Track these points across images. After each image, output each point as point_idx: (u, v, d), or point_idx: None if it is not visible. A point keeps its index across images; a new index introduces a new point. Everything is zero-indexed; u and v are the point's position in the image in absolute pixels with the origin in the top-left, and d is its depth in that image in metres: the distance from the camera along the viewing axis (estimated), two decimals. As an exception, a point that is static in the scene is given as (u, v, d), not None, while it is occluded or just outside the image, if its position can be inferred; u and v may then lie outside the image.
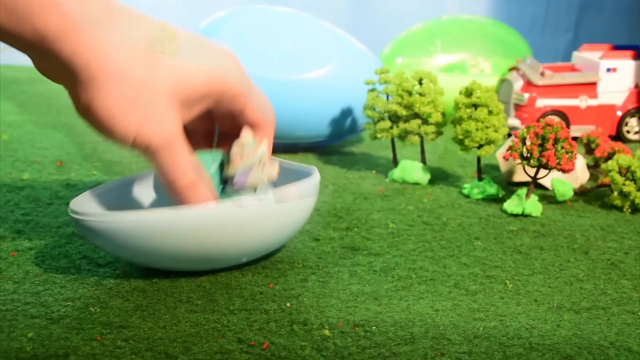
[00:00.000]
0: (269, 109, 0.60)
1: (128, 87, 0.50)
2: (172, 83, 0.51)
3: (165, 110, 0.51)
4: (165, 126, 0.52)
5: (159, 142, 0.52)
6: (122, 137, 0.51)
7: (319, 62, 0.97)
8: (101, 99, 0.49)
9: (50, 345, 0.47)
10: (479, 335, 0.51)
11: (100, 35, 0.48)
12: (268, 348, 0.48)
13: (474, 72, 1.25)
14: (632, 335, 0.52)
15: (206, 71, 0.53)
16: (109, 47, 0.49)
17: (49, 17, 0.46)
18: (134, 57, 0.50)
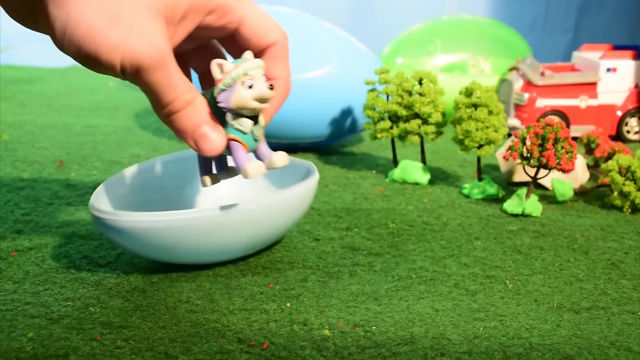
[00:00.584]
0: (275, 26, 0.54)
1: None
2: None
3: (151, 22, 0.46)
4: (155, 40, 0.46)
5: (149, 58, 0.46)
6: (108, 56, 0.45)
7: (319, 62, 0.97)
8: (77, 14, 0.44)
9: (50, 345, 0.47)
10: (479, 335, 0.51)
11: None
12: (268, 348, 0.48)
13: (474, 72, 1.25)
14: (632, 335, 0.52)
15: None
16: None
17: None
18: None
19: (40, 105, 1.26)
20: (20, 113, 1.18)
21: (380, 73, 0.91)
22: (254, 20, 0.52)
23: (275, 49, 0.54)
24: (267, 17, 0.53)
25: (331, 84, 0.96)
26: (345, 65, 0.98)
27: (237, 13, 0.51)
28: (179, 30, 0.49)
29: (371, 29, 1.76)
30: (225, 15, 0.51)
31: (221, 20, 0.51)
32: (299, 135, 0.97)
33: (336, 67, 0.97)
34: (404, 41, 1.33)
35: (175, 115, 0.49)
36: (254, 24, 0.52)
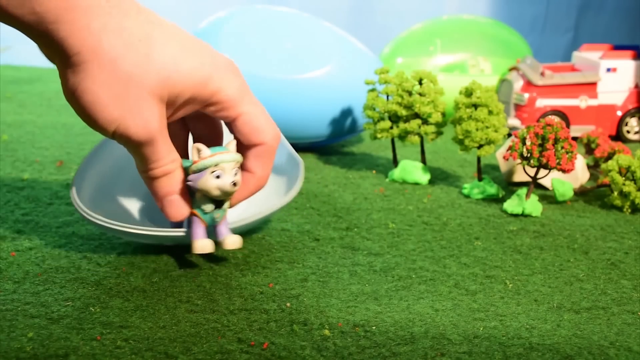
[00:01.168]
0: (267, 129, 0.57)
1: (116, 79, 0.50)
2: (160, 81, 0.51)
3: (149, 107, 0.51)
4: (148, 123, 0.51)
5: (138, 137, 0.52)
6: (103, 126, 0.51)
7: (319, 62, 0.97)
8: (88, 84, 0.50)
9: (50, 345, 0.47)
10: (479, 335, 0.51)
11: (97, 22, 0.49)
12: (268, 348, 0.48)
13: (474, 72, 1.25)
14: (632, 335, 0.52)
15: (197, 75, 0.52)
16: (103, 36, 0.49)
17: (49, 1, 0.47)
18: (128, 49, 0.50)
19: (40, 105, 1.26)
20: (20, 113, 1.18)
21: (380, 73, 0.91)
22: (248, 119, 0.56)
23: (261, 149, 0.57)
24: (263, 118, 0.57)
25: (331, 84, 0.96)
26: (345, 65, 0.98)
27: (234, 110, 0.55)
28: (178, 112, 0.55)
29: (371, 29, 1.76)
30: (223, 110, 0.55)
31: (219, 113, 0.55)
32: (299, 135, 0.97)
33: (336, 67, 0.97)
34: (404, 41, 1.33)
35: (153, 180, 0.56)
36: (247, 123, 0.56)
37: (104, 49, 0.49)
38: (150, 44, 0.50)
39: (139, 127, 0.51)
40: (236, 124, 0.56)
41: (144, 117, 0.51)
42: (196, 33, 1.00)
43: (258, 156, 0.58)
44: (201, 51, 0.53)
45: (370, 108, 0.91)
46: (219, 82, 0.54)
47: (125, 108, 0.50)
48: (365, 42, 1.09)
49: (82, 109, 0.51)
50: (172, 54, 0.51)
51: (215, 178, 0.55)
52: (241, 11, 1.01)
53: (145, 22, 0.51)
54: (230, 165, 0.56)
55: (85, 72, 0.49)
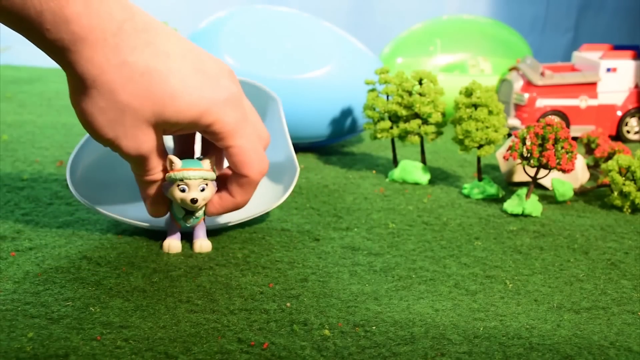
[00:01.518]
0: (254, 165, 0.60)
1: (113, 107, 0.53)
2: (156, 114, 0.54)
3: (144, 133, 0.55)
4: (141, 146, 0.56)
5: (131, 155, 0.57)
6: (98, 140, 0.56)
7: (319, 62, 0.97)
8: (87, 106, 0.54)
9: (50, 345, 0.47)
10: (479, 335, 0.51)
11: (101, 56, 0.52)
12: (268, 348, 0.48)
13: (474, 72, 1.25)
14: (632, 335, 0.52)
15: (193, 110, 0.55)
16: (105, 69, 0.52)
17: (59, 31, 0.50)
18: (128, 82, 0.53)
19: (40, 105, 1.26)
20: (20, 113, 1.18)
21: (380, 73, 0.91)
22: (238, 152, 0.59)
23: (244, 180, 0.61)
24: (253, 153, 0.60)
25: (331, 84, 0.96)
26: (345, 65, 0.98)
27: (226, 142, 0.59)
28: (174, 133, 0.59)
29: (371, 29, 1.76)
30: (217, 140, 0.59)
31: (213, 140, 0.59)
32: (299, 135, 0.97)
33: (336, 67, 0.97)
34: (404, 41, 1.33)
35: (141, 184, 0.61)
36: (236, 155, 0.59)
37: (103, 81, 0.52)
38: (151, 79, 0.53)
39: (130, 148, 0.56)
40: (227, 153, 0.59)
41: (137, 140, 0.56)
42: (196, 33, 1.00)
43: (240, 185, 0.61)
44: (203, 83, 0.56)
45: (370, 108, 0.91)
46: (215, 115, 0.56)
47: (119, 132, 0.55)
48: (365, 42, 1.09)
49: (81, 121, 0.55)
50: (172, 89, 0.54)
51: (180, 191, 0.60)
52: (241, 11, 1.01)
53: (151, 56, 0.54)
54: (196, 182, 0.60)
55: (86, 95, 0.53)
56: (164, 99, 0.54)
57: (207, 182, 0.61)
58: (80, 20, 0.50)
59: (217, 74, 0.58)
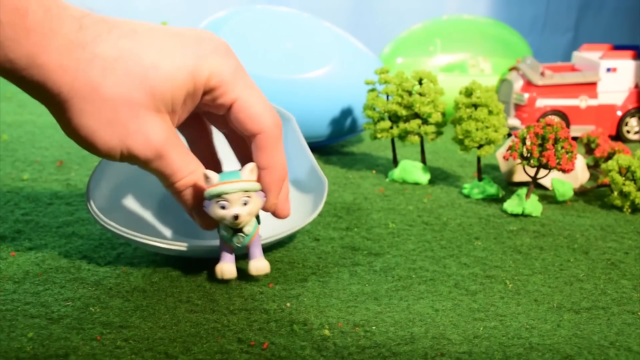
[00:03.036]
0: (264, 116, 0.54)
1: (103, 105, 0.49)
2: (147, 92, 0.50)
3: (146, 122, 0.50)
4: (151, 138, 0.51)
5: (144, 155, 0.51)
6: (107, 153, 0.51)
7: (319, 61, 0.97)
8: (78, 120, 0.49)
9: (50, 345, 0.47)
10: (479, 335, 0.51)
11: (69, 58, 0.48)
12: (268, 348, 0.48)
13: (474, 72, 1.25)
14: (632, 335, 0.52)
15: (182, 71, 0.51)
16: (78, 68, 0.48)
17: (20, 46, 0.46)
18: (106, 73, 0.49)
19: (40, 105, 1.25)
20: (20, 113, 1.18)
21: (380, 73, 0.91)
22: (243, 105, 0.54)
23: (261, 138, 0.55)
24: (260, 104, 0.54)
25: (331, 84, 0.96)
26: (345, 65, 0.98)
27: (229, 95, 0.53)
28: (180, 114, 0.53)
29: (371, 29, 1.76)
30: (219, 97, 0.53)
31: (216, 100, 0.53)
32: (299, 135, 0.97)
33: (336, 67, 0.97)
34: (404, 41, 1.33)
35: (177, 194, 0.55)
36: (242, 110, 0.54)
37: (81, 83, 0.48)
38: (126, 60, 0.49)
39: (142, 146, 0.51)
40: (231, 112, 0.54)
41: (144, 134, 0.50)
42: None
43: (261, 148, 0.55)
44: (183, 44, 0.51)
45: (370, 108, 0.91)
46: (208, 68, 0.52)
47: (122, 132, 0.50)
48: (365, 42, 1.09)
49: (83, 143, 0.51)
50: (151, 60, 0.50)
51: (220, 208, 0.54)
52: (241, 11, 1.01)
53: (118, 38, 0.49)
54: (236, 195, 0.54)
55: (71, 109, 0.49)
56: (147, 73, 0.49)
57: (249, 195, 0.54)
58: (42, 27, 0.46)
59: (197, 34, 0.53)
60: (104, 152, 0.51)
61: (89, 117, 0.49)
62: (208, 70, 0.51)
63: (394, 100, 0.89)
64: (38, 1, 0.47)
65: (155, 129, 0.51)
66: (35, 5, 0.46)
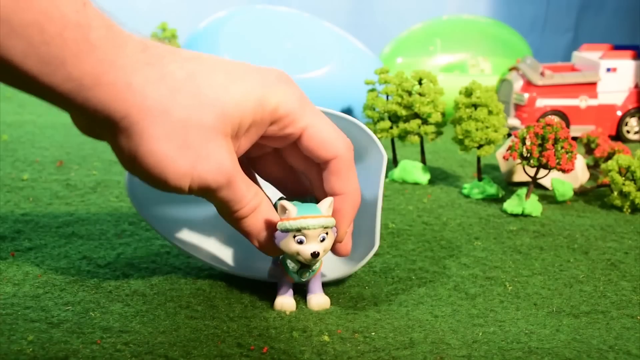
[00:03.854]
0: (337, 140, 0.52)
1: (174, 128, 0.45)
2: (218, 115, 0.47)
3: (217, 145, 0.47)
4: (221, 162, 0.47)
5: (216, 182, 0.47)
6: (177, 183, 0.47)
7: (319, 61, 0.97)
8: (147, 144, 0.45)
9: (50, 348, 0.47)
10: (478, 340, 0.51)
11: (138, 77, 0.45)
12: (268, 352, 0.48)
13: (474, 72, 1.25)
14: (632, 339, 0.52)
15: (251, 97, 0.48)
16: (147, 88, 0.45)
17: (85, 63, 0.43)
18: (175, 94, 0.46)
19: (40, 105, 1.25)
20: (20, 113, 1.18)
21: (380, 73, 0.91)
22: (315, 132, 0.51)
23: (336, 163, 0.52)
24: (331, 129, 0.52)
25: (331, 84, 0.97)
26: (345, 65, 0.98)
27: (298, 124, 0.51)
28: (243, 143, 0.50)
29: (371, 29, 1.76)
30: (287, 127, 0.51)
31: (283, 130, 0.51)
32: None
33: (336, 67, 0.97)
34: (404, 41, 1.33)
35: (240, 221, 0.51)
36: (313, 137, 0.51)
37: (151, 104, 0.45)
38: (196, 81, 0.47)
39: (214, 172, 0.47)
40: (302, 140, 0.51)
41: (216, 159, 0.47)
42: (196, 33, 1.00)
43: (336, 173, 0.53)
44: (247, 72, 0.50)
45: (370, 108, 0.91)
46: (275, 97, 0.49)
47: (193, 157, 0.46)
48: (365, 42, 1.09)
49: (149, 174, 0.46)
50: (221, 83, 0.47)
51: (297, 243, 0.51)
52: (241, 11, 1.01)
53: (184, 60, 0.47)
54: (316, 231, 0.51)
55: (139, 134, 0.45)
56: (218, 94, 0.47)
57: (327, 231, 0.52)
58: (107, 44, 0.43)
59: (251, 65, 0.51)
60: (173, 182, 0.47)
61: (160, 141, 0.45)
62: (276, 99, 0.49)
63: (394, 100, 0.89)
64: (99, 18, 0.44)
65: (226, 154, 0.48)
66: (97, 22, 0.43)
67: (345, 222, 0.54)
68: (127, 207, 0.76)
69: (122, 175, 0.87)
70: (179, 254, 0.64)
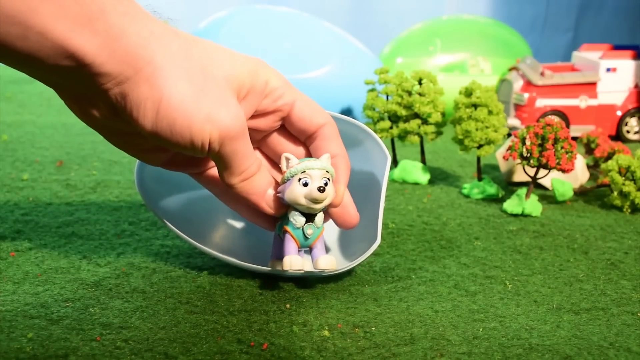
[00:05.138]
0: (321, 110, 0.56)
1: (195, 73, 0.47)
2: (226, 73, 0.50)
3: (232, 97, 0.49)
4: (238, 111, 0.49)
5: (235, 128, 0.49)
6: (201, 126, 0.47)
7: (319, 61, 0.97)
8: (172, 86, 0.46)
9: (50, 345, 0.47)
10: (479, 336, 0.51)
11: (157, 28, 0.47)
12: (268, 348, 0.48)
13: (474, 72, 1.25)
14: (632, 335, 0.52)
15: (248, 65, 0.52)
16: (167, 37, 0.47)
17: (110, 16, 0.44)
18: (191, 45, 0.49)
19: (40, 105, 1.26)
20: (20, 113, 1.18)
21: (380, 73, 0.91)
22: (304, 104, 0.55)
23: (326, 129, 0.56)
24: (313, 102, 0.56)
25: (331, 84, 0.97)
26: (345, 65, 0.98)
27: (288, 97, 0.54)
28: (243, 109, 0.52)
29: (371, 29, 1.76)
30: (278, 99, 0.54)
31: (275, 103, 0.54)
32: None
33: (336, 67, 0.97)
34: (404, 41, 1.33)
35: (250, 179, 0.53)
36: (304, 108, 0.55)
37: (174, 49, 0.47)
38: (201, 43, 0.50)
39: (233, 117, 0.48)
40: (294, 112, 0.55)
41: (233, 106, 0.49)
42: (196, 33, 1.00)
43: (328, 138, 0.56)
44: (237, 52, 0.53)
45: (370, 108, 0.91)
46: (265, 72, 0.53)
47: (213, 101, 0.48)
48: (365, 42, 1.09)
49: (173, 120, 0.47)
50: (221, 53, 0.51)
51: (302, 186, 0.52)
52: (241, 11, 1.01)
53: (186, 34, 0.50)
54: (319, 172, 0.53)
55: (164, 76, 0.46)
56: (223, 58, 0.50)
57: (329, 177, 0.54)
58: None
59: None
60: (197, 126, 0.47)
61: (184, 83, 0.47)
62: (266, 74, 0.53)
63: (394, 100, 0.89)
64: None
65: (238, 105, 0.50)
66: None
67: (343, 181, 0.56)
68: (127, 207, 0.76)
69: (122, 175, 0.87)
70: (179, 254, 0.64)
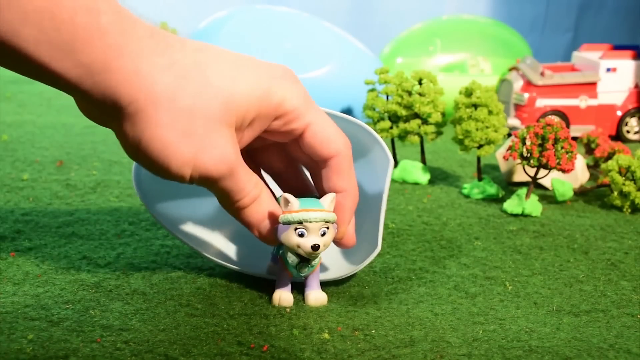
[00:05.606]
0: (338, 138, 0.53)
1: (179, 115, 0.46)
2: (224, 104, 0.47)
3: (221, 135, 0.47)
4: (224, 152, 0.48)
5: (218, 171, 0.48)
6: (179, 169, 0.47)
7: (319, 61, 0.97)
8: (152, 130, 0.46)
9: (51, 347, 0.47)
10: (479, 338, 0.51)
11: (146, 63, 0.45)
12: (268, 350, 0.48)
13: (474, 72, 1.25)
14: (632, 337, 0.52)
15: (257, 89, 0.48)
16: (155, 74, 0.45)
17: (94, 48, 0.43)
18: (182, 81, 0.46)
19: (40, 105, 1.26)
20: (20, 113, 1.18)
21: (380, 73, 0.91)
22: (317, 130, 0.52)
23: (337, 161, 0.53)
24: (332, 128, 0.53)
25: (331, 84, 0.97)
26: (345, 65, 0.98)
27: (302, 121, 0.51)
28: (246, 135, 0.50)
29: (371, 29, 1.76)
30: (291, 122, 0.51)
31: (287, 126, 0.51)
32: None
33: (336, 67, 0.97)
34: (404, 41, 1.33)
35: (241, 211, 0.52)
36: (316, 134, 0.52)
37: (158, 90, 0.45)
38: (203, 70, 0.47)
39: (216, 161, 0.47)
40: (305, 137, 0.52)
41: (219, 149, 0.47)
42: (196, 33, 1.00)
43: (337, 171, 0.53)
44: (254, 65, 0.50)
45: (370, 108, 0.91)
46: (281, 92, 0.50)
47: (197, 144, 0.47)
48: (365, 42, 1.09)
49: (152, 159, 0.47)
50: (228, 74, 0.48)
51: (297, 236, 0.51)
52: (241, 11, 1.01)
53: (191, 51, 0.48)
54: (317, 225, 0.51)
55: (145, 119, 0.45)
56: (225, 85, 0.47)
57: (328, 225, 0.52)
58: (116, 29, 0.44)
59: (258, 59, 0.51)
60: (175, 169, 0.47)
61: (165, 128, 0.46)
62: (281, 93, 0.50)
63: (394, 100, 0.89)
64: (108, 3, 0.44)
65: (229, 144, 0.48)
66: (106, 6, 0.44)
67: (346, 218, 0.55)
68: (127, 207, 0.76)
69: (122, 175, 0.87)
70: (179, 254, 0.64)
